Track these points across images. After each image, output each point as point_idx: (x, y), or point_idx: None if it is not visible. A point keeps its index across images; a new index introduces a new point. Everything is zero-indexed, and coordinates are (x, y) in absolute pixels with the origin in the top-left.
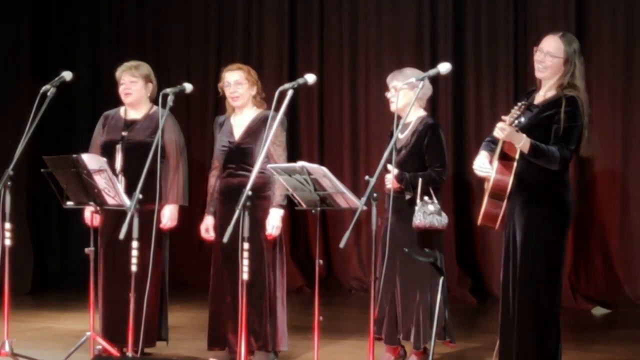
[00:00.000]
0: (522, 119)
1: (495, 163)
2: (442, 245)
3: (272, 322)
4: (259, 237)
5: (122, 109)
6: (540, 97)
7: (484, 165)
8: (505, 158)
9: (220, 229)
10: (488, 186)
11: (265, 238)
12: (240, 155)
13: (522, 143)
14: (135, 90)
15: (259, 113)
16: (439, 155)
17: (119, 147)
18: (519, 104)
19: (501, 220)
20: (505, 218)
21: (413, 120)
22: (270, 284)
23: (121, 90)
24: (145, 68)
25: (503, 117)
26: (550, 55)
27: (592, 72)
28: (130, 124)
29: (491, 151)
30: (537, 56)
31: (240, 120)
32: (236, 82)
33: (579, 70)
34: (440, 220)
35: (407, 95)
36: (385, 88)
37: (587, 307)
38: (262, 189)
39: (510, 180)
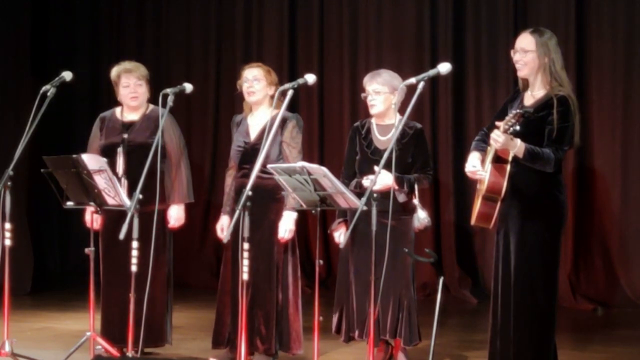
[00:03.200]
0: (517, 127)
1: (489, 166)
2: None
3: (284, 326)
4: (271, 239)
5: (117, 111)
6: (529, 98)
7: (475, 167)
8: (498, 161)
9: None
10: (482, 187)
11: (277, 240)
12: (255, 155)
13: (517, 149)
14: (141, 93)
15: (274, 114)
16: (428, 159)
17: (120, 150)
18: (515, 111)
19: (495, 219)
20: (498, 219)
21: (396, 123)
22: (279, 287)
23: (126, 93)
24: (144, 68)
25: (497, 124)
26: (524, 51)
27: (592, 72)
28: (128, 126)
29: (482, 151)
30: (515, 56)
31: (256, 121)
32: (254, 77)
33: (558, 61)
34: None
35: (388, 99)
36: (363, 90)
37: (587, 307)
38: (276, 191)
39: (504, 182)
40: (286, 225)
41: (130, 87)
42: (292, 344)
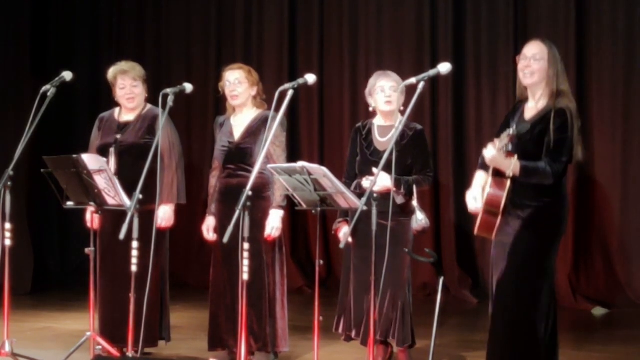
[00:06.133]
0: (510, 148)
1: (489, 179)
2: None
3: (272, 323)
4: (259, 238)
5: (116, 111)
6: (531, 109)
7: (477, 200)
8: (498, 175)
9: (220, 229)
10: (483, 200)
11: (265, 239)
12: (240, 155)
13: (512, 168)
14: (137, 94)
15: (259, 113)
16: (428, 160)
17: (112, 150)
18: (508, 132)
19: (497, 230)
20: (498, 229)
21: (396, 124)
22: (269, 285)
23: (122, 94)
24: (140, 68)
25: (495, 140)
26: (534, 59)
27: (592, 72)
28: (123, 126)
29: (486, 170)
30: (522, 63)
31: (240, 121)
32: (236, 80)
33: (562, 74)
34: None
35: (400, 98)
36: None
37: (587, 307)
38: (262, 189)
39: (504, 196)
40: (273, 223)
41: (127, 89)
42: (278, 341)
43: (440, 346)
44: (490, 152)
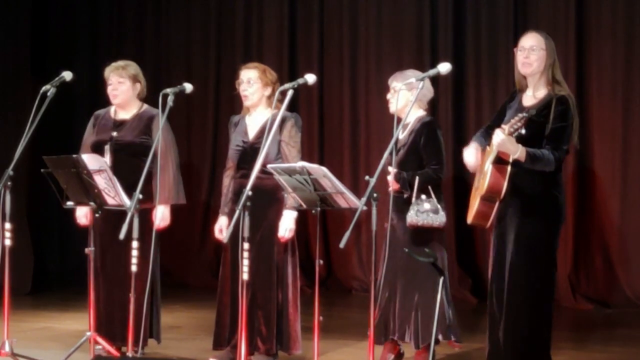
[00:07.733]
0: (523, 131)
1: (490, 167)
2: (445, 244)
3: (284, 325)
4: (271, 239)
5: (112, 109)
6: (529, 98)
7: (472, 156)
8: (499, 162)
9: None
10: (481, 187)
11: (277, 240)
12: (254, 155)
13: (518, 154)
14: (122, 91)
15: (274, 113)
16: (435, 152)
17: (107, 147)
18: (521, 115)
19: (492, 218)
20: (495, 218)
21: (412, 121)
22: (280, 287)
23: (109, 90)
24: (133, 68)
25: (503, 126)
26: (533, 50)
27: (592, 72)
28: (119, 124)
29: (482, 143)
30: (520, 55)
31: (254, 120)
32: (248, 80)
33: (557, 63)
34: (436, 218)
35: (406, 96)
36: (387, 89)
37: (587, 307)
38: (276, 190)
39: (505, 183)
40: (286, 225)
41: (112, 85)
42: (291, 343)
43: (440, 346)
44: (499, 136)
